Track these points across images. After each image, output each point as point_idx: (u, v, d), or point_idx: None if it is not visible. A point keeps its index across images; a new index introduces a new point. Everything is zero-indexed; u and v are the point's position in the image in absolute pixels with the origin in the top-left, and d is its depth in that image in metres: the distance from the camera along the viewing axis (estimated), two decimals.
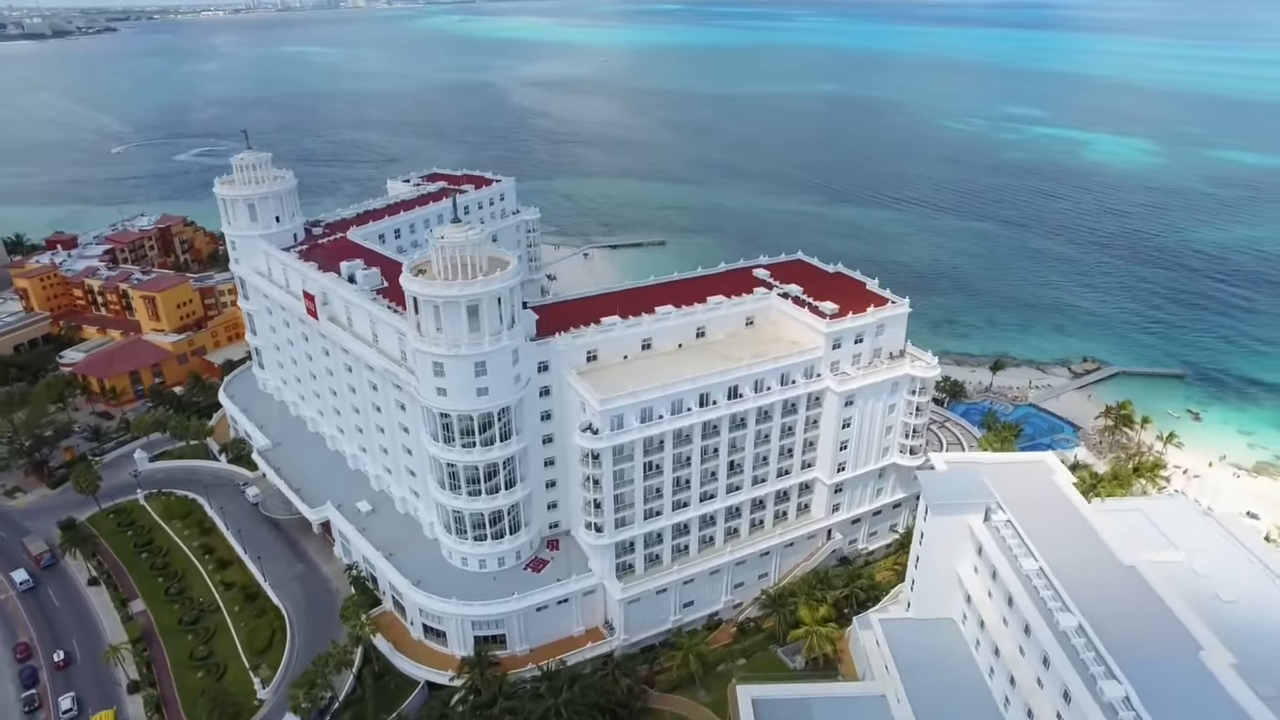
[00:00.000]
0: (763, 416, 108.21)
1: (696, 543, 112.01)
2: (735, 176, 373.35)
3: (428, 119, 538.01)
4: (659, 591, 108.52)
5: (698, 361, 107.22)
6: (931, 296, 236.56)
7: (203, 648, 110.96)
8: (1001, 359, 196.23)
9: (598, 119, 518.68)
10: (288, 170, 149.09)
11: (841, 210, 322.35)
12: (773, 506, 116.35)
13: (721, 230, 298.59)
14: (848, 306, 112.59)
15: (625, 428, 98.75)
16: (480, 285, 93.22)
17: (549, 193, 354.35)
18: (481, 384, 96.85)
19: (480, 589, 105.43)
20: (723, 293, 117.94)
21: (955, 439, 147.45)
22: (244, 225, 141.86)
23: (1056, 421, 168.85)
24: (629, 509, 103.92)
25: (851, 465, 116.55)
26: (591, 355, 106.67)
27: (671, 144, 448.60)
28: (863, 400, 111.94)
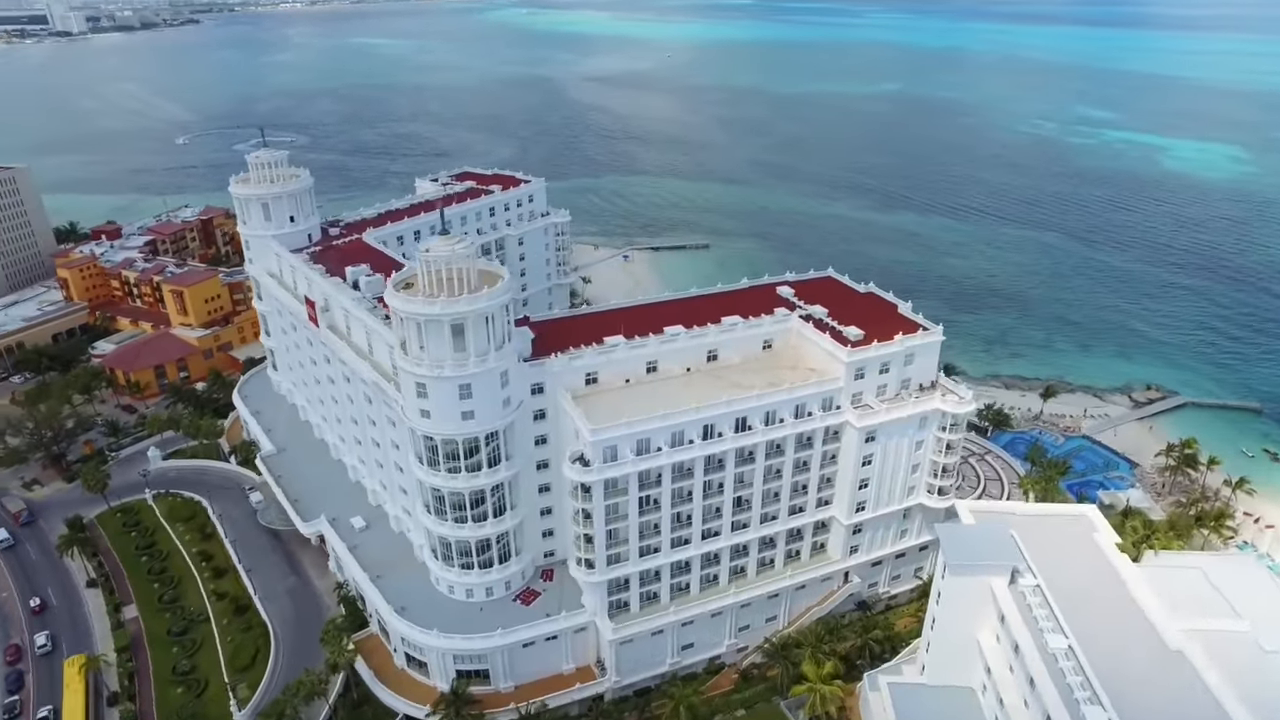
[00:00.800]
0: (774, 451, 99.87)
1: (698, 582, 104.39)
2: (786, 178, 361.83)
3: (484, 113, 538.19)
4: (655, 633, 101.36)
5: (706, 388, 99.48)
6: (984, 313, 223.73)
7: (186, 661, 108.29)
8: (1055, 384, 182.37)
9: (652, 115, 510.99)
10: (304, 169, 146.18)
11: (894, 216, 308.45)
12: (783, 546, 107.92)
13: (767, 235, 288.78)
14: (875, 332, 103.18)
15: (619, 460, 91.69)
16: (465, 303, 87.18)
17: (596, 191, 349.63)
18: (467, 407, 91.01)
19: (465, 619, 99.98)
20: (741, 312, 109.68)
21: (994, 474, 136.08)
22: (258, 225, 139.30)
23: (1111, 457, 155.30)
24: (623, 545, 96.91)
25: (872, 505, 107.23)
26: (591, 378, 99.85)
27: (724, 143, 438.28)
28: (886, 436, 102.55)
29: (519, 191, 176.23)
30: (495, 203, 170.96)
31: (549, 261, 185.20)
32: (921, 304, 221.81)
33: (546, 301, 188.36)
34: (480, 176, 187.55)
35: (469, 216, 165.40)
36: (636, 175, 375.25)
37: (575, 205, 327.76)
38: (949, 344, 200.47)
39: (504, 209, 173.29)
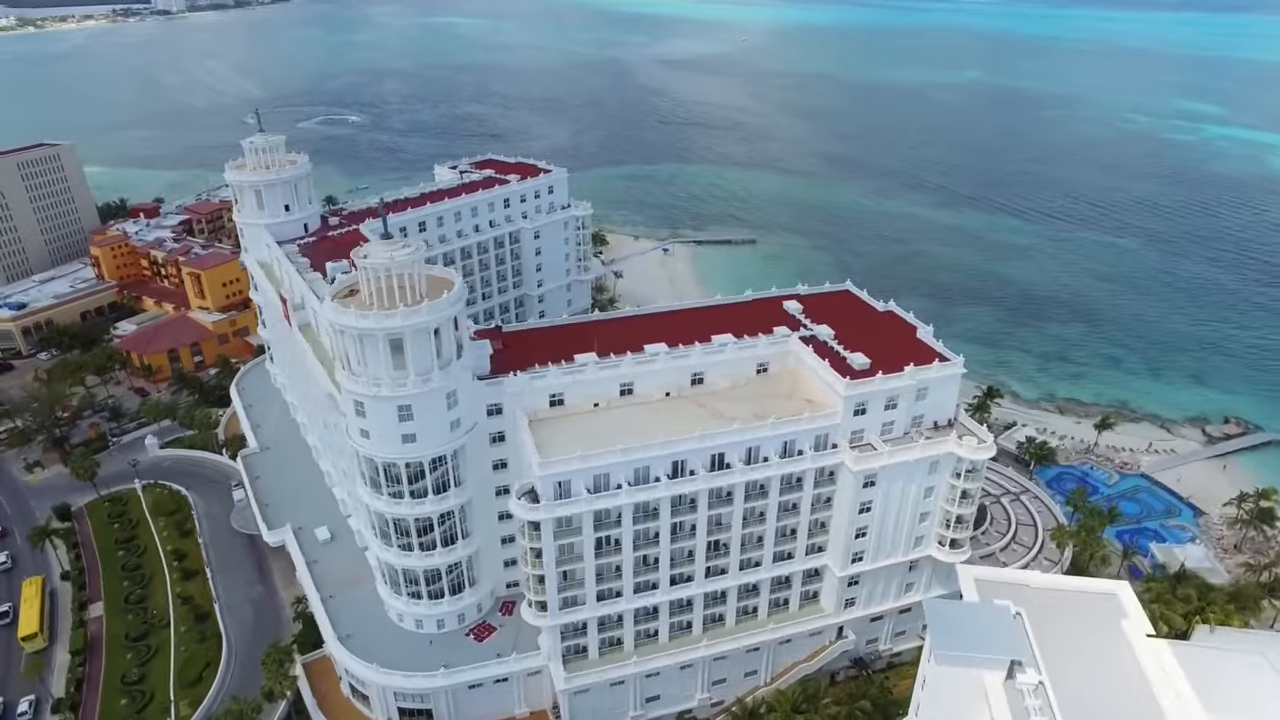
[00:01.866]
0: (756, 492, 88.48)
1: (667, 630, 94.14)
2: (849, 171, 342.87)
3: (547, 95, 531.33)
4: (614, 684, 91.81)
5: (684, 416, 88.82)
6: (1046, 325, 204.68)
7: (137, 670, 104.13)
8: (1117, 411, 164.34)
9: (716, 101, 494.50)
10: (303, 154, 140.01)
11: (959, 216, 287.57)
12: (768, 594, 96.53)
13: (819, 231, 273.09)
14: (885, 360, 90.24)
15: (572, 496, 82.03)
16: (403, 316, 78.58)
17: (648, 178, 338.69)
18: (407, 430, 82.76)
19: (413, 652, 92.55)
20: (740, 328, 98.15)
21: (1029, 518, 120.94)
22: (251, 213, 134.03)
23: (1173, 501, 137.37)
24: (579, 588, 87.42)
25: (871, 556, 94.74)
26: (556, 399, 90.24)
27: (788, 132, 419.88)
28: (889, 481, 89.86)
29: (537, 182, 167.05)
30: (510, 194, 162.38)
31: (568, 257, 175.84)
32: (975, 314, 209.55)
33: (565, 299, 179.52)
34: (502, 165, 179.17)
35: (480, 208, 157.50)
36: (692, 164, 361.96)
37: (623, 193, 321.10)
38: (1000, 361, 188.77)
39: (520, 200, 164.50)
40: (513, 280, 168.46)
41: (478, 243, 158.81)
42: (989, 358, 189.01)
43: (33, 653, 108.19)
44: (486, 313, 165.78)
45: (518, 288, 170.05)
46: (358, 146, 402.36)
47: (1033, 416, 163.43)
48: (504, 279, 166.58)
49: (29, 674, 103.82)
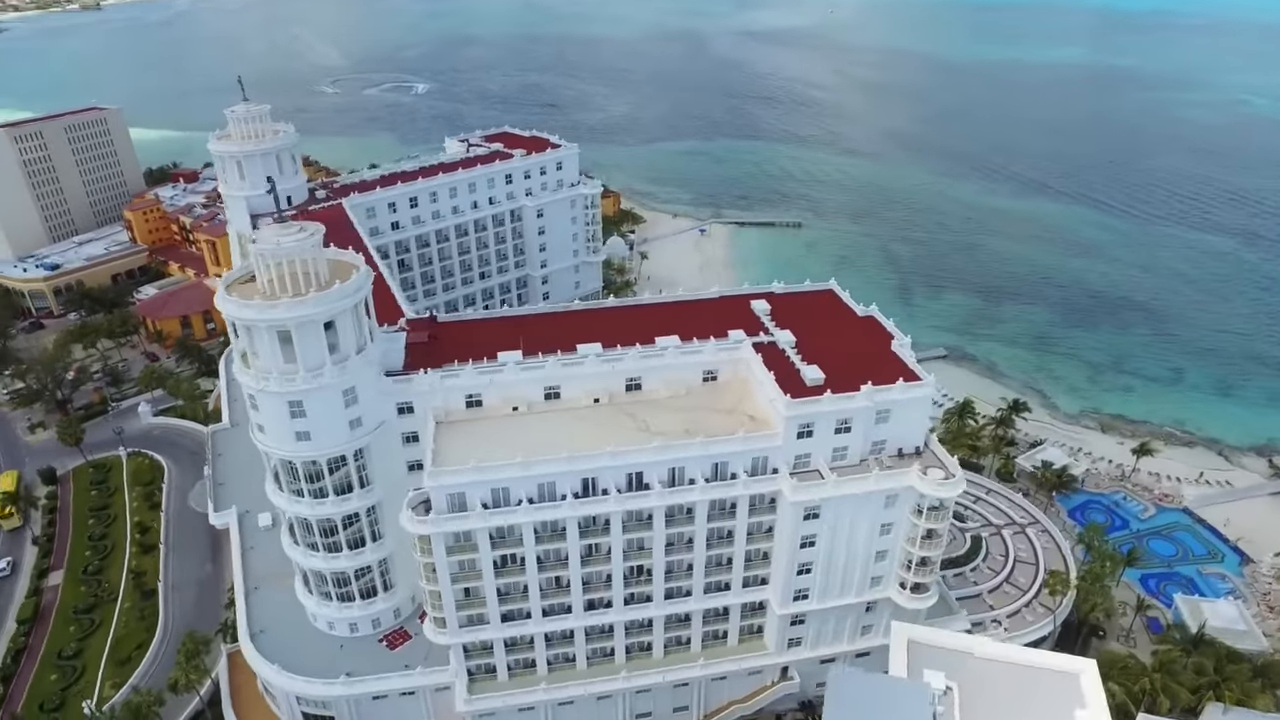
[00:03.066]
0: (682, 517, 79.40)
1: (585, 656, 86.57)
2: (919, 154, 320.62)
3: (617, 65, 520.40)
4: (523, 709, 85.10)
5: (610, 427, 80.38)
6: (1105, 329, 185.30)
7: (76, 644, 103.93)
8: (1168, 433, 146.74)
9: (791, 76, 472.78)
10: (288, 125, 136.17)
11: (1031, 205, 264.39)
12: (701, 626, 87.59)
13: (873, 216, 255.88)
14: (843, 376, 79.18)
15: (467, 510, 74.95)
16: (286, 307, 72.44)
17: (703, 154, 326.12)
18: (300, 427, 77.12)
19: (321, 656, 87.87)
20: (694, 329, 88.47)
21: (1032, 554, 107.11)
22: (234, 184, 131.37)
23: (1216, 543, 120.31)
24: (482, 606, 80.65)
25: (818, 595, 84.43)
26: (473, 400, 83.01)
27: (860, 111, 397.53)
28: (836, 515, 79.18)
29: (543, 158, 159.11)
30: (513, 169, 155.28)
31: (575, 237, 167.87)
32: (1026, 313, 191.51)
33: (572, 281, 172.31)
34: (515, 138, 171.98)
35: (479, 184, 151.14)
36: (752, 140, 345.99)
37: (673, 169, 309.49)
38: (1043, 367, 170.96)
39: (524, 176, 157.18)
40: (514, 260, 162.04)
41: (475, 220, 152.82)
42: (1031, 363, 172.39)
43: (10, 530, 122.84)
44: (485, 293, 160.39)
45: (520, 268, 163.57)
46: (417, 115, 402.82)
47: (1068, 434, 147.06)
48: (504, 258, 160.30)
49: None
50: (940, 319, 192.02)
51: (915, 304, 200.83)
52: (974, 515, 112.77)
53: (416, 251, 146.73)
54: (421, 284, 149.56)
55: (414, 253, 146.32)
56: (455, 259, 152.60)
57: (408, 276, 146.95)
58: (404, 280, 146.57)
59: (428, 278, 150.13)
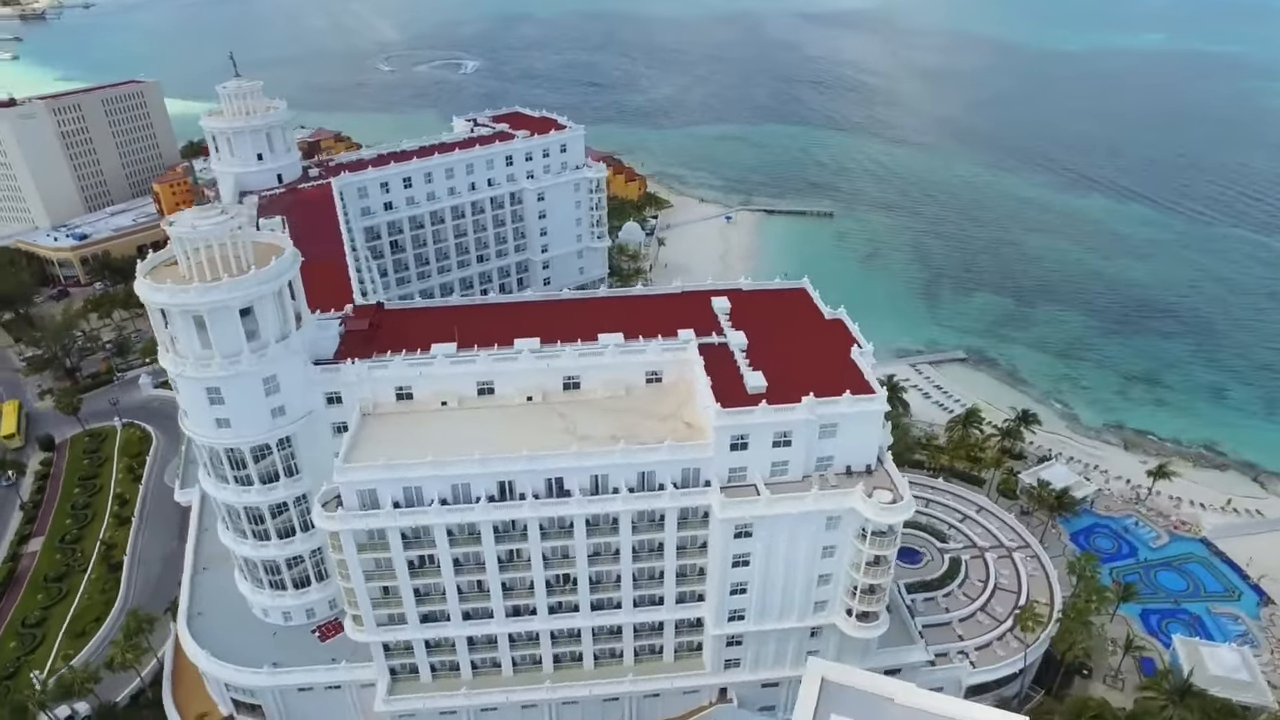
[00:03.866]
0: (605, 526, 75.19)
1: (511, 662, 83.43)
2: (969, 143, 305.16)
3: (669, 45, 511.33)
4: (445, 713, 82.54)
5: (538, 427, 76.56)
6: (1145, 338, 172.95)
7: (41, 612, 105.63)
8: (1198, 454, 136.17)
9: (845, 60, 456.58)
10: (281, 101, 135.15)
11: (1082, 201, 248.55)
12: (633, 640, 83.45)
13: (910, 208, 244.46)
14: (789, 384, 73.57)
15: (378, 508, 72.21)
16: (198, 293, 70.34)
17: (743, 138, 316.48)
18: (220, 414, 75.40)
19: (254, 643, 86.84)
20: (646, 326, 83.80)
21: (1014, 582, 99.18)
22: (226, 160, 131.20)
23: (1234, 580, 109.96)
24: (399, 606, 78.08)
25: (755, 617, 79.34)
26: (403, 393, 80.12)
27: (913, 97, 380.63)
28: (772, 534, 73.85)
29: (545, 140, 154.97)
30: (514, 150, 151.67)
31: (579, 222, 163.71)
32: (1059, 317, 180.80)
33: (576, 267, 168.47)
34: (524, 119, 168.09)
35: (476, 165, 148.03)
36: (795, 125, 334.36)
37: (710, 153, 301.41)
38: (1070, 376, 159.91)
39: (525, 159, 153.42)
40: (514, 244, 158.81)
41: (472, 202, 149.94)
42: (1057, 370, 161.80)
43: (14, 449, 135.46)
44: (483, 277, 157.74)
45: (520, 252, 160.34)
46: (462, 93, 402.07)
47: (1085, 449, 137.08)
48: (503, 242, 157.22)
49: None
50: (966, 319, 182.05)
51: (941, 302, 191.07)
52: (958, 535, 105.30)
53: (410, 233, 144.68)
54: (415, 266, 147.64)
55: (407, 234, 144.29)
56: (451, 241, 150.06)
57: (400, 258, 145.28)
58: (397, 262, 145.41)
59: (422, 260, 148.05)
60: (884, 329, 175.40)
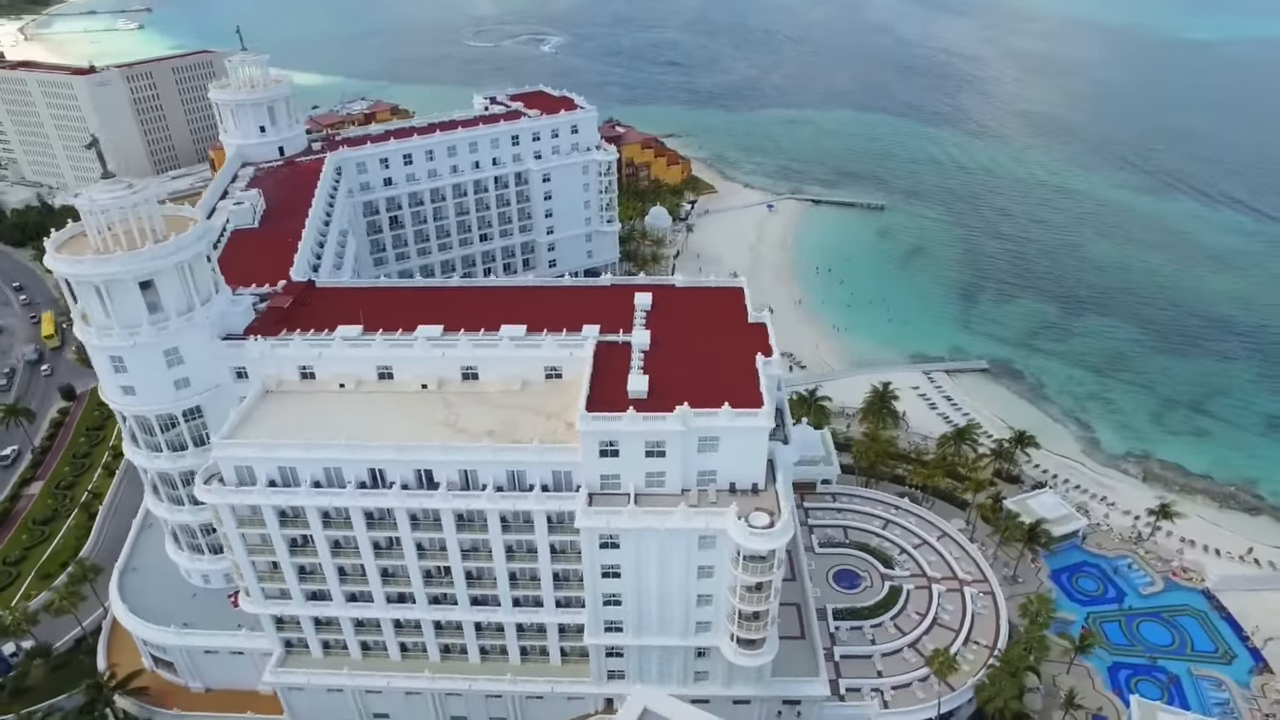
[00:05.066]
0: (477, 523, 73.49)
1: (399, 648, 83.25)
2: (1049, 136, 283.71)
3: (758, 26, 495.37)
4: (331, 690, 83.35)
5: (423, 417, 75.58)
6: (1200, 359, 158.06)
7: (20, 552, 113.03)
8: (1224, 493, 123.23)
9: (942, 45, 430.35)
10: (287, 75, 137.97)
11: (1170, 205, 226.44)
12: (517, 640, 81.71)
13: (968, 204, 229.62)
14: (673, 392, 69.60)
15: (252, 484, 72.89)
16: (91, 264, 72.29)
17: (811, 124, 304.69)
18: (124, 381, 77.80)
19: (175, 603, 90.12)
20: (568, 318, 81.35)
21: (958, 619, 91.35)
22: (231, 132, 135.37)
23: (1230, 638, 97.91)
24: (283, 582, 78.97)
25: (633, 631, 76.12)
26: (307, 372, 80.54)
27: (1002, 85, 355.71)
28: (640, 548, 70.35)
29: (554, 120, 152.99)
30: (520, 130, 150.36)
31: (587, 204, 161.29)
32: (1105, 330, 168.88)
33: (584, 250, 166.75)
34: (547, 99, 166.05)
35: (480, 143, 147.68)
36: (871, 113, 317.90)
37: (771, 138, 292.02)
38: (1102, 396, 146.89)
39: (532, 139, 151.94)
40: (519, 225, 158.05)
41: (475, 181, 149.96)
42: (1088, 389, 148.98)
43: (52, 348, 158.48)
44: (485, 256, 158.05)
45: (525, 233, 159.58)
46: (539, 69, 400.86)
47: (1096, 478, 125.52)
48: (507, 222, 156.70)
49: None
50: (1000, 326, 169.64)
51: (977, 307, 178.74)
52: (909, 562, 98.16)
53: (410, 209, 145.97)
54: (415, 243, 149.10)
55: (406, 210, 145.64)
56: (452, 219, 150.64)
57: (399, 234, 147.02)
58: (396, 238, 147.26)
59: (422, 236, 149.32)
60: (905, 331, 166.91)
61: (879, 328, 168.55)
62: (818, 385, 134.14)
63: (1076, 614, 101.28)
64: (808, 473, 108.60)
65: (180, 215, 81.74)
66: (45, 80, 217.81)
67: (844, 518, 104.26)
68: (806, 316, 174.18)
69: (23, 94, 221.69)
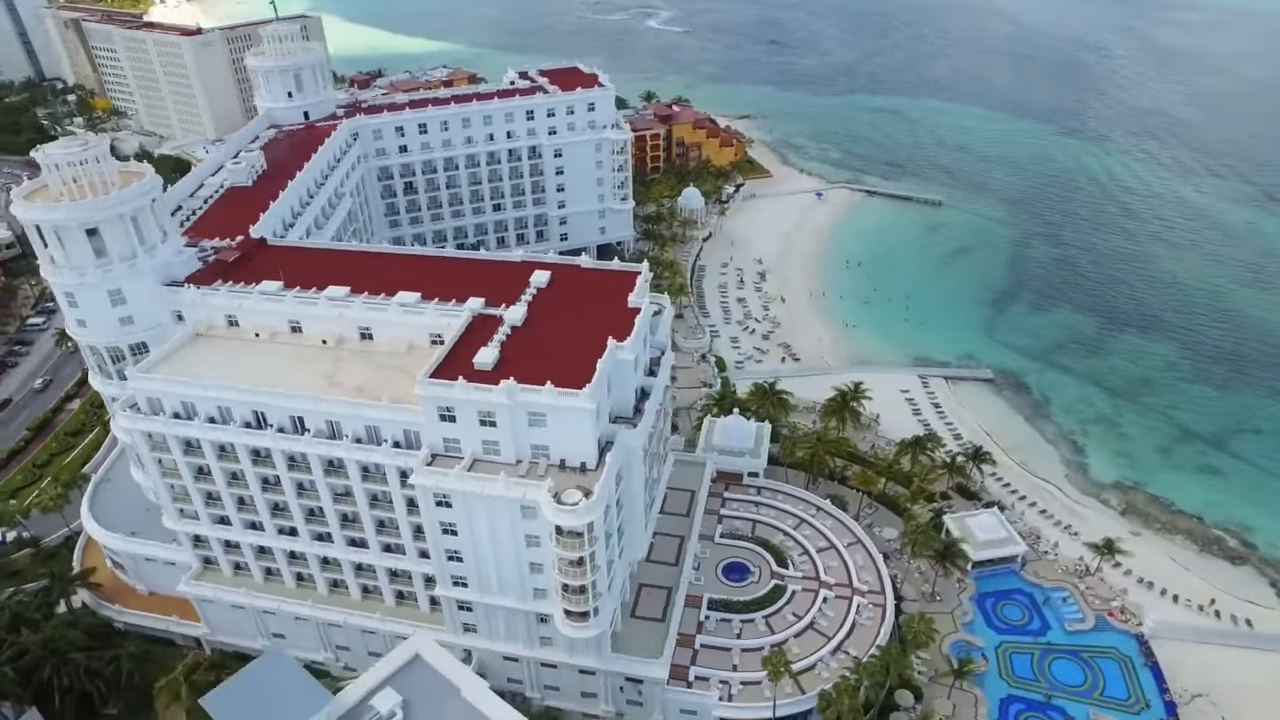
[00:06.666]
0: (338, 469, 79.94)
1: (292, 577, 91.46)
2: (1154, 138, 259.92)
3: (870, 9, 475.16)
4: (235, 607, 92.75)
5: (309, 368, 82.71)
6: (1247, 390, 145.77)
7: (47, 457, 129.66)
8: (1210, 536, 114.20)
9: (1071, 34, 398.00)
10: (318, 43, 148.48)
11: (1267, 221, 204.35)
12: (388, 583, 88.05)
13: (1041, 205, 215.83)
14: (517, 368, 73.18)
15: (158, 414, 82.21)
16: (41, 211, 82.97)
17: (896, 113, 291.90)
18: (77, 315, 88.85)
19: (133, 513, 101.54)
20: (467, 289, 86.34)
21: (835, 628, 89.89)
22: (263, 97, 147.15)
23: (1150, 689, 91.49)
24: (188, 503, 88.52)
25: (476, 588, 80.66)
26: (232, 320, 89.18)
27: (1124, 82, 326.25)
28: (470, 510, 74.57)
29: (570, 97, 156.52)
30: (535, 106, 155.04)
31: (600, 182, 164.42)
32: (1142, 351, 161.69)
33: (597, 226, 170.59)
34: (578, 76, 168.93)
35: (495, 117, 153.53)
36: (964, 104, 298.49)
37: (846, 125, 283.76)
38: (1110, 419, 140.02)
39: (547, 114, 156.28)
40: (532, 197, 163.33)
41: (489, 152, 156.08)
42: (1098, 411, 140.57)
43: None
44: (498, 225, 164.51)
45: (538, 205, 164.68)
46: (636, 43, 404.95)
47: (1068, 504, 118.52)
48: (520, 194, 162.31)
49: None
50: (1025, 337, 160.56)
51: (1006, 314, 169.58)
52: (807, 564, 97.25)
53: (424, 176, 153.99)
54: (428, 208, 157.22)
55: (420, 177, 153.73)
56: (465, 189, 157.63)
57: (413, 199, 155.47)
58: (409, 203, 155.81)
59: (435, 203, 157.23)
60: (918, 332, 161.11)
61: (892, 327, 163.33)
62: (777, 379, 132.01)
63: (988, 640, 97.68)
64: (735, 464, 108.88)
65: (131, 171, 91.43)
66: (160, 40, 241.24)
67: (758, 512, 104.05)
68: (820, 309, 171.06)
69: (142, 52, 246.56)
